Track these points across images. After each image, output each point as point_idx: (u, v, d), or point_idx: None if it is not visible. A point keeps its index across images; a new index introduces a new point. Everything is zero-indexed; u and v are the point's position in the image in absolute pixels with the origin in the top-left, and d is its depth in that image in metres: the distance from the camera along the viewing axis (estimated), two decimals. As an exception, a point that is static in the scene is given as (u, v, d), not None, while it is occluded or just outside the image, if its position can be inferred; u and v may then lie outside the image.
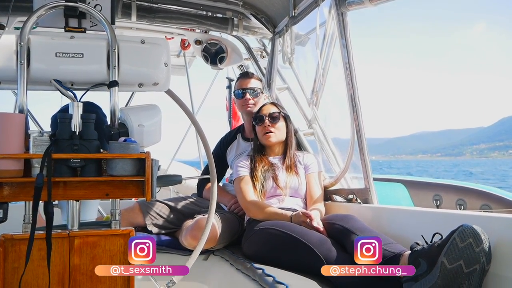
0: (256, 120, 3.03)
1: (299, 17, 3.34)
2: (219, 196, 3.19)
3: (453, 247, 1.71)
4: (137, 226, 3.09)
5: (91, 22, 1.85)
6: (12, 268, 1.53)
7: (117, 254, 1.64)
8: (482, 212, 3.43)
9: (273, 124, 2.99)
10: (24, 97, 1.63)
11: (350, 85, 2.71)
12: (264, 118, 2.99)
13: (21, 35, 1.62)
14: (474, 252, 1.68)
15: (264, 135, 2.99)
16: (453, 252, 1.70)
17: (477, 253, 1.68)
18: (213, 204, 2.13)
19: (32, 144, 1.55)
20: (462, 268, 1.68)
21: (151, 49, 1.82)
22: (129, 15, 3.55)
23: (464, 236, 1.70)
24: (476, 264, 1.68)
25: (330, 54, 3.22)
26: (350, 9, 2.70)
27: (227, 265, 2.60)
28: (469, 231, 1.70)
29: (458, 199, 3.88)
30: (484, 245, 1.68)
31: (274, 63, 3.81)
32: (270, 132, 2.98)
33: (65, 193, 1.59)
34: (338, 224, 2.32)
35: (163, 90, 1.92)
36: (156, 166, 1.66)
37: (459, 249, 1.69)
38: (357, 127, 2.70)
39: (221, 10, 3.86)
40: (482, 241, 1.68)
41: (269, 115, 3.00)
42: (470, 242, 1.69)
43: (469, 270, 1.68)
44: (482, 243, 1.68)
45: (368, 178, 2.68)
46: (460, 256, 1.69)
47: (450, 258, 1.70)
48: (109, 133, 1.70)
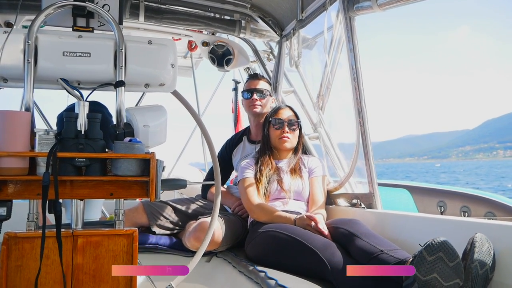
0: (274, 122, 3.03)
1: (307, 20, 3.34)
2: (223, 198, 3.20)
3: (421, 260, 1.72)
4: (140, 226, 3.10)
5: (99, 21, 1.86)
6: (15, 266, 1.53)
7: (120, 254, 1.64)
8: (487, 219, 3.42)
9: (291, 130, 3.01)
10: (30, 95, 1.63)
11: (356, 89, 2.71)
12: (283, 123, 3.00)
13: (29, 34, 1.63)
14: (447, 266, 1.68)
15: (280, 139, 2.99)
16: (422, 265, 1.71)
17: (453, 268, 1.67)
18: (217, 206, 2.13)
19: (37, 142, 1.55)
20: (439, 281, 1.68)
21: (158, 50, 1.82)
22: (137, 16, 3.56)
23: (432, 250, 1.70)
24: (456, 279, 1.67)
25: (337, 58, 3.22)
26: (358, 14, 2.69)
27: (230, 267, 2.60)
28: (438, 245, 1.70)
29: (463, 206, 3.86)
30: (458, 260, 1.68)
31: (280, 66, 3.81)
32: (288, 138, 2.99)
33: (69, 192, 1.59)
34: (343, 228, 2.32)
35: (169, 91, 1.92)
36: (160, 167, 1.66)
37: (428, 262, 1.70)
38: (363, 132, 2.69)
39: (229, 12, 3.87)
40: (457, 256, 1.68)
41: (289, 121, 3.01)
42: (439, 256, 1.68)
43: (450, 284, 1.68)
44: (456, 258, 1.68)
45: (373, 183, 2.67)
46: (432, 269, 1.69)
47: (421, 271, 1.71)
48: (115, 133, 1.70)
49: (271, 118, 3.05)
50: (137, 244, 1.66)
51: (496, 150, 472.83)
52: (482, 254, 1.72)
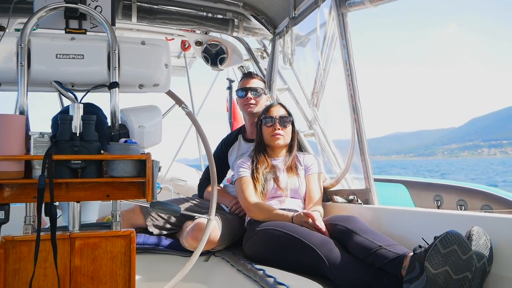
0: (265, 120, 3.02)
1: (299, 18, 3.34)
2: (220, 197, 3.19)
3: (435, 252, 1.71)
4: (137, 227, 3.09)
5: (91, 23, 1.86)
6: (12, 270, 1.53)
7: (118, 255, 1.64)
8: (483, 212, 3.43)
9: (283, 127, 2.98)
10: (24, 98, 1.63)
11: (350, 85, 2.71)
12: (274, 120, 2.99)
13: (22, 37, 1.62)
14: (460, 259, 1.68)
15: (272, 137, 2.97)
16: (435, 258, 1.70)
17: (465, 261, 1.67)
18: (214, 205, 2.13)
19: (32, 145, 1.55)
20: (450, 274, 1.68)
21: (152, 50, 1.82)
22: (130, 17, 3.55)
23: (447, 243, 1.70)
24: (466, 272, 1.67)
25: (330, 54, 3.22)
26: (350, 10, 2.69)
27: (228, 266, 2.60)
28: (453, 238, 1.69)
29: (459, 200, 3.87)
30: (471, 253, 1.68)
31: (274, 64, 3.81)
32: (280, 135, 2.97)
33: (66, 194, 1.59)
34: (340, 225, 2.32)
35: (164, 91, 1.92)
36: (156, 167, 1.66)
37: (442, 255, 1.69)
38: (358, 128, 2.70)
39: (222, 11, 3.86)
40: (470, 249, 1.68)
41: (280, 118, 2.99)
42: (454, 249, 1.68)
43: (459, 277, 1.67)
44: (469, 251, 1.67)
45: (369, 178, 2.68)
46: (444, 262, 1.69)
47: (433, 264, 1.70)
48: (110, 134, 1.70)
49: (263, 116, 3.05)
50: (135, 245, 1.66)
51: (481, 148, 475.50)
52: (480, 247, 1.73)
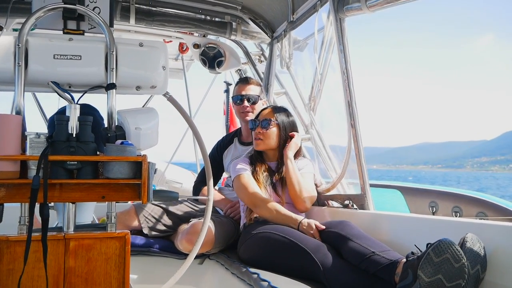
0: (251, 124, 3.01)
1: (298, 22, 3.35)
2: (214, 200, 3.19)
3: (428, 261, 1.72)
4: (132, 229, 3.08)
5: (89, 24, 1.86)
6: (7, 270, 1.52)
7: (113, 257, 1.64)
8: (478, 219, 3.44)
9: (263, 131, 2.90)
10: (21, 98, 1.63)
11: (347, 91, 2.71)
12: (257, 124, 2.94)
13: (19, 37, 1.62)
14: (453, 267, 1.68)
15: (254, 141, 2.97)
16: (428, 266, 1.71)
17: (458, 269, 1.68)
18: (209, 208, 2.13)
19: (28, 145, 1.55)
20: (443, 282, 1.68)
21: (149, 52, 1.82)
22: (128, 18, 3.55)
23: (440, 251, 1.70)
24: (459, 279, 1.68)
25: (328, 59, 3.22)
26: (348, 15, 2.70)
27: (223, 269, 2.59)
28: (445, 246, 1.70)
29: (454, 206, 3.88)
30: (464, 261, 1.68)
31: (272, 68, 3.82)
32: (259, 139, 2.91)
33: (61, 195, 1.58)
34: (333, 230, 2.31)
35: (161, 93, 1.92)
36: (152, 169, 1.66)
37: (435, 264, 1.70)
38: (354, 133, 2.70)
39: (220, 14, 3.86)
40: (462, 257, 1.68)
41: (261, 122, 2.92)
42: (446, 258, 1.68)
43: (452, 285, 1.68)
44: (461, 259, 1.68)
45: (365, 184, 2.68)
46: (437, 270, 1.69)
47: (426, 272, 1.71)
48: (106, 135, 1.70)
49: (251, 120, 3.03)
50: (130, 247, 1.66)
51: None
52: (473, 254, 1.73)
